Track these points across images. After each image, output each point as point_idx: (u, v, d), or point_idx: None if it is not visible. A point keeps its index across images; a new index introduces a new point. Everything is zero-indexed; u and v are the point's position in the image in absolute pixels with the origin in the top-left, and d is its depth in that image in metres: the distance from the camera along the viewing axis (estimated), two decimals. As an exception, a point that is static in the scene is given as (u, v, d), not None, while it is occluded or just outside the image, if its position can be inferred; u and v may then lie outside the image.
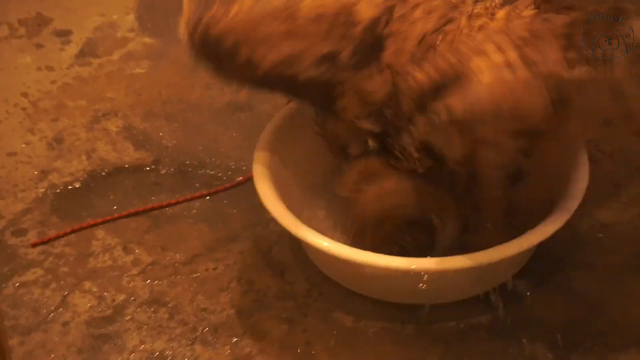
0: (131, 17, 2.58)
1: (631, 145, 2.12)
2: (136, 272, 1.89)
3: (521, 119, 1.53)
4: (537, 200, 1.75)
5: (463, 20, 1.63)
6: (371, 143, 1.71)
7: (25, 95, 2.33)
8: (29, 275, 1.88)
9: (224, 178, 2.09)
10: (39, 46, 2.48)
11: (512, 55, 1.52)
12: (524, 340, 1.76)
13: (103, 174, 2.11)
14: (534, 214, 1.74)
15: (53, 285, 1.86)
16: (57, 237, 1.96)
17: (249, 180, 1.95)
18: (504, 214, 1.71)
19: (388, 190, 1.73)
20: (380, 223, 1.75)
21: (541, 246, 1.79)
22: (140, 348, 1.76)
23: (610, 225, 1.96)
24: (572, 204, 1.76)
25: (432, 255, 1.73)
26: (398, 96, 1.59)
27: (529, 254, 1.84)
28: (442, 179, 1.69)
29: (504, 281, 1.83)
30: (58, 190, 2.07)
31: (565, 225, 1.74)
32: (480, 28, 1.62)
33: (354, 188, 1.75)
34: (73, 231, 1.97)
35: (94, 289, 1.86)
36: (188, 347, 1.76)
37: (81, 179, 2.10)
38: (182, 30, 1.65)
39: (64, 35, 2.52)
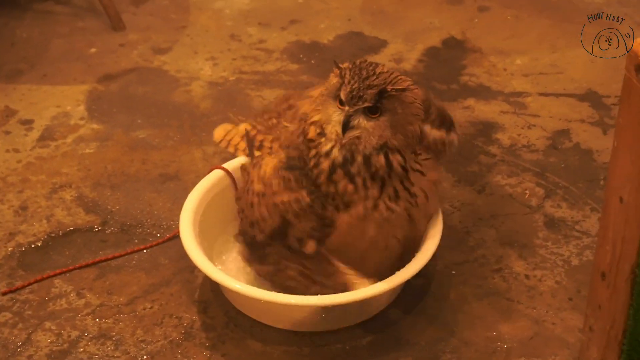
0: (82, 108, 2.55)
1: (475, 201, 2.21)
2: (87, 313, 1.91)
3: None
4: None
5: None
6: None
7: (-5, 172, 2.30)
8: (0, 318, 1.90)
9: (158, 235, 2.11)
10: (7, 133, 2.46)
11: None
12: (396, 357, 1.81)
13: (60, 234, 2.12)
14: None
15: (20, 326, 1.88)
16: (23, 287, 1.97)
17: (177, 236, 1.99)
18: None
19: None
20: None
21: (408, 282, 1.87)
22: (92, 375, 1.82)
23: (460, 264, 2.03)
24: (430, 247, 1.84)
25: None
26: None
27: (399, 289, 1.92)
28: None
29: (381, 310, 1.90)
30: (23, 249, 2.08)
31: (427, 265, 1.83)
32: None
33: None
34: (36, 281, 1.98)
35: (53, 328, 1.88)
36: (130, 373, 1.83)
37: (42, 238, 2.10)
38: None
39: (27, 123, 2.48)
